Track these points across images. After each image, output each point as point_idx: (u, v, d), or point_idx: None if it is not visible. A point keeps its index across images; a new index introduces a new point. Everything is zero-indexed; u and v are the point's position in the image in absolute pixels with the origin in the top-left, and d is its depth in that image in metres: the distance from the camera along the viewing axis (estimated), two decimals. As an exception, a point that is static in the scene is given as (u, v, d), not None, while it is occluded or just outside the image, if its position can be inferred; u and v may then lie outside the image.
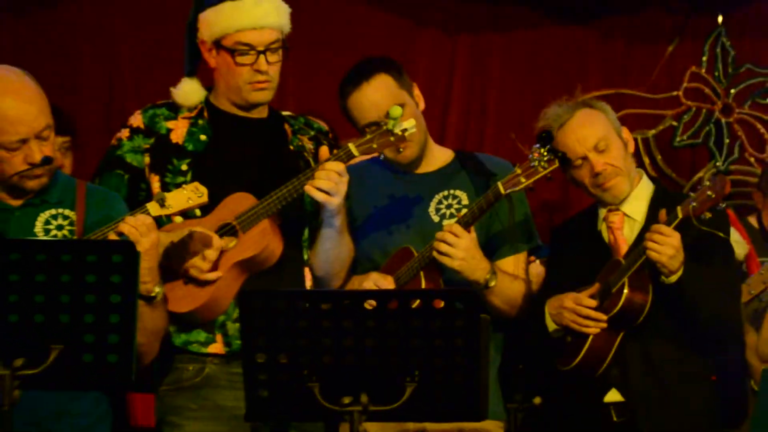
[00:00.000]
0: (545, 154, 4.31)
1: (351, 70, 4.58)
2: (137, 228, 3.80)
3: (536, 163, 4.31)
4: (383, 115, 4.33)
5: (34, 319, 3.34)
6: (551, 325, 4.49)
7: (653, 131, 7.19)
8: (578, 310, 4.41)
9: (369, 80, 4.48)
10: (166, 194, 3.94)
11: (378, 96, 4.46)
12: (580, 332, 4.42)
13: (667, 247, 4.25)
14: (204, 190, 3.97)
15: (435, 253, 4.34)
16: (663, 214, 4.32)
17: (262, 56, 4.35)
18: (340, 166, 4.21)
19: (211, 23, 4.36)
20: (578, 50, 7.19)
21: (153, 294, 3.87)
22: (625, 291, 4.37)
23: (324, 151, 4.38)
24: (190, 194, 3.96)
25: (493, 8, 7.11)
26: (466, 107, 7.09)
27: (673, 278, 4.32)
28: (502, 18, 7.12)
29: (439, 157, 4.69)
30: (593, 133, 4.54)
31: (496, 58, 7.13)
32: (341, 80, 4.57)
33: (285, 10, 4.44)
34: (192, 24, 4.44)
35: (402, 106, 4.39)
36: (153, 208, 3.90)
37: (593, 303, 4.42)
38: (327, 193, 4.20)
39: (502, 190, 4.34)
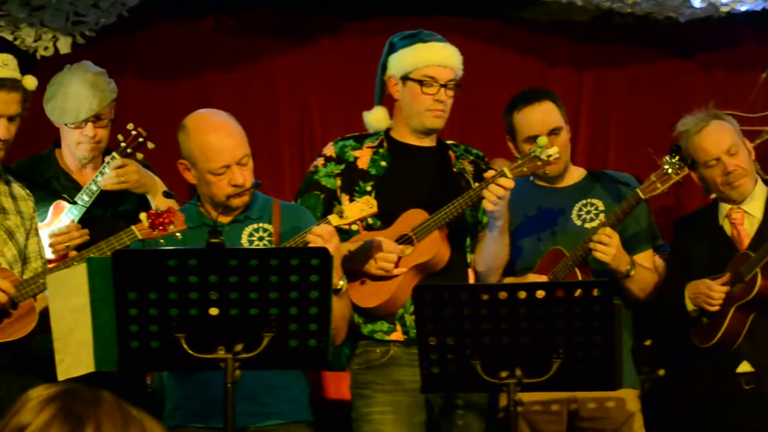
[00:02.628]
0: (677, 162, 4.30)
1: (523, 92, 4.65)
2: (323, 236, 3.81)
3: (669, 171, 4.32)
4: (544, 131, 4.40)
5: (249, 312, 3.36)
6: (689, 306, 4.42)
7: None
8: (711, 294, 4.34)
9: (540, 102, 4.51)
10: (344, 207, 3.96)
11: (545, 116, 4.49)
12: (715, 314, 4.34)
13: None
14: (374, 202, 3.97)
15: (594, 253, 4.33)
16: None
17: (442, 89, 4.39)
18: (510, 183, 4.21)
19: (403, 61, 4.41)
20: (685, 80, 7.07)
21: (338, 287, 3.88)
22: (759, 280, 4.31)
23: (490, 172, 4.37)
24: (363, 206, 3.96)
25: (611, 48, 7.03)
26: (592, 132, 7.02)
27: None
28: (620, 56, 7.04)
29: (575, 173, 4.69)
30: (727, 139, 4.51)
31: (616, 90, 7.04)
32: (512, 98, 4.62)
33: (460, 58, 4.48)
34: (383, 64, 4.48)
35: (559, 129, 4.49)
36: (334, 219, 3.91)
37: (725, 289, 4.34)
38: (492, 202, 4.22)
39: (642, 195, 4.36)
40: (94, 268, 3.43)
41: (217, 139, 3.93)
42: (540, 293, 3.48)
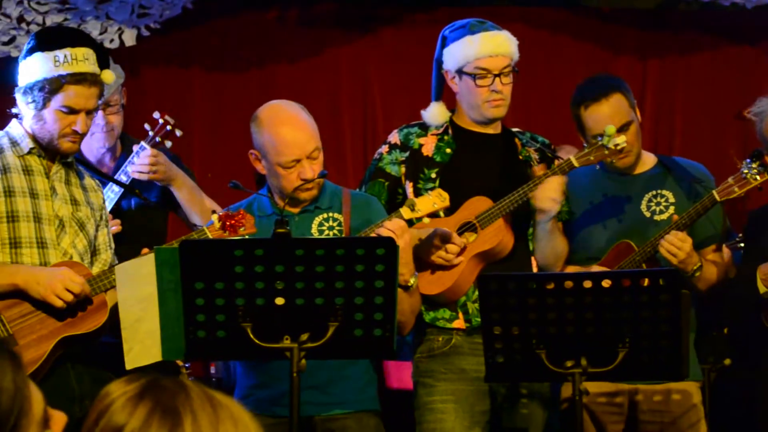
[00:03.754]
0: (756, 168, 4.23)
1: (590, 83, 4.54)
2: (394, 231, 3.81)
3: (748, 176, 4.23)
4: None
5: (315, 302, 3.37)
6: (762, 288, 4.35)
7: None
8: None
9: (608, 97, 4.41)
10: (416, 200, 3.95)
11: (614, 112, 4.40)
12: None
13: None
14: (446, 195, 3.96)
15: (663, 252, 4.25)
16: None
17: (497, 79, 4.33)
18: (560, 179, 4.19)
19: (455, 55, 4.36)
20: (751, 67, 6.96)
21: (410, 284, 3.88)
22: None
23: (537, 169, 4.32)
24: (435, 199, 3.95)
25: (675, 36, 6.95)
26: (656, 120, 6.95)
27: None
28: (685, 43, 6.96)
29: (646, 161, 4.60)
30: None
31: (681, 78, 6.96)
32: (579, 89, 4.52)
33: (514, 41, 4.40)
34: (438, 59, 4.44)
35: (630, 123, 4.40)
36: (405, 212, 3.90)
37: None
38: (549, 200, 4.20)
39: (717, 198, 4.29)
40: (161, 258, 3.45)
41: (288, 132, 3.95)
42: (606, 282, 3.45)
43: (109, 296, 3.78)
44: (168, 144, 4.71)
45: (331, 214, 4.05)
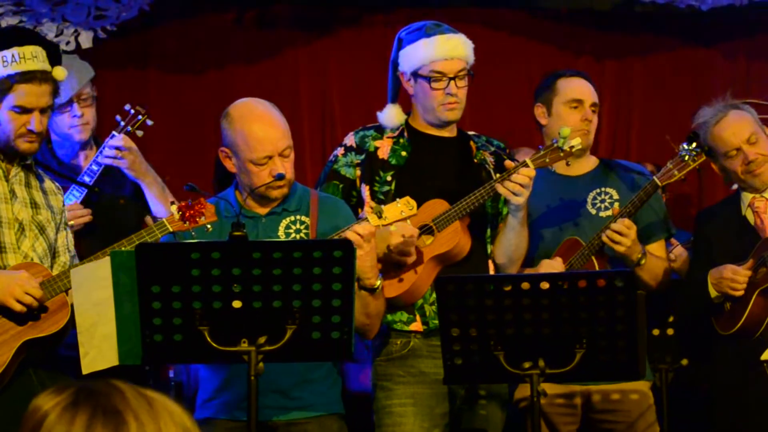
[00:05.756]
0: (693, 149, 4.33)
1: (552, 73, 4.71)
2: (363, 235, 3.79)
3: (686, 158, 4.35)
4: (587, 101, 4.53)
5: (272, 305, 3.35)
6: (713, 293, 4.40)
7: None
8: (735, 278, 4.33)
9: (580, 77, 4.67)
10: (384, 207, 3.92)
11: (587, 88, 4.62)
12: (738, 300, 4.33)
13: None
14: (414, 203, 3.93)
15: (607, 241, 4.32)
16: None
17: (452, 82, 4.33)
18: (531, 173, 4.19)
19: (410, 58, 4.35)
20: (706, 68, 7.03)
21: (375, 286, 3.87)
22: None
23: (509, 163, 4.33)
24: (403, 207, 3.92)
25: (632, 37, 7.00)
26: (614, 121, 6.99)
27: None
28: (642, 44, 7.01)
29: (589, 161, 4.69)
30: (746, 128, 4.49)
31: (638, 79, 7.01)
32: (550, 73, 4.69)
33: (469, 45, 4.40)
34: (394, 61, 4.44)
35: (595, 105, 4.59)
36: (373, 219, 3.87)
37: (749, 273, 4.33)
38: (513, 192, 4.19)
39: (659, 182, 4.39)
40: (117, 262, 3.43)
41: (261, 129, 3.92)
42: (563, 283, 3.46)
43: (71, 296, 3.75)
44: (139, 133, 4.72)
45: (298, 217, 4.02)
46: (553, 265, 4.33)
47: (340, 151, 4.44)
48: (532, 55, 6.90)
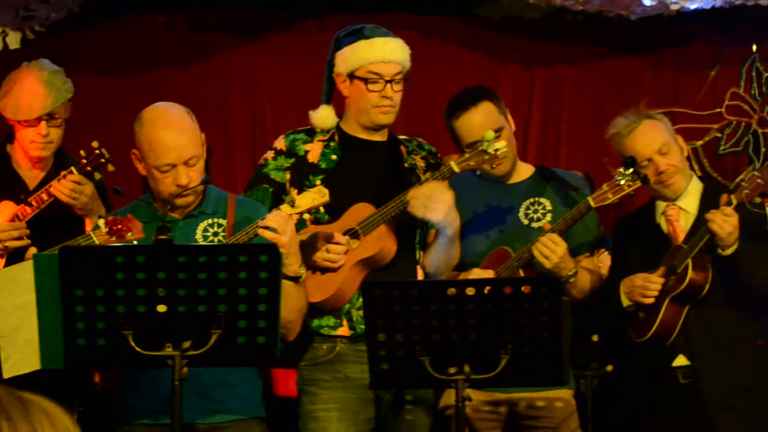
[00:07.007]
0: (630, 175, 4.32)
1: (459, 95, 4.56)
2: (279, 221, 3.75)
3: (622, 182, 4.32)
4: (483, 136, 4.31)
5: (197, 309, 3.33)
6: (625, 302, 4.45)
7: (701, 142, 7.09)
8: (648, 285, 4.36)
9: (476, 105, 4.46)
10: (296, 196, 3.91)
11: (483, 119, 4.43)
12: (650, 308, 4.37)
13: (728, 225, 4.21)
14: (326, 191, 3.91)
15: (536, 254, 4.32)
16: (724, 198, 4.28)
17: (388, 85, 4.34)
18: (438, 186, 4.19)
19: (348, 58, 4.35)
20: (635, 78, 7.12)
21: (299, 274, 3.84)
22: (690, 271, 4.32)
23: (425, 177, 4.33)
24: (315, 195, 3.91)
25: (563, 45, 7.06)
26: (543, 127, 7.05)
27: (729, 251, 4.26)
28: (572, 53, 7.07)
29: (524, 170, 4.66)
30: (658, 139, 4.51)
31: (567, 87, 7.07)
32: (449, 103, 4.55)
33: (407, 50, 4.41)
34: (330, 61, 4.43)
35: (500, 129, 4.42)
36: (285, 208, 3.85)
37: (661, 280, 4.37)
38: (428, 209, 4.19)
39: (592, 204, 4.37)
40: (40, 265, 3.39)
41: (167, 136, 3.87)
42: (488, 289, 3.47)
43: None
44: (97, 176, 4.61)
45: (215, 220, 3.99)
46: (483, 276, 4.34)
47: (269, 154, 4.42)
48: (463, 61, 6.93)
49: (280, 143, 4.42)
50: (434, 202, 4.20)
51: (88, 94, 6.48)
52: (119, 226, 3.80)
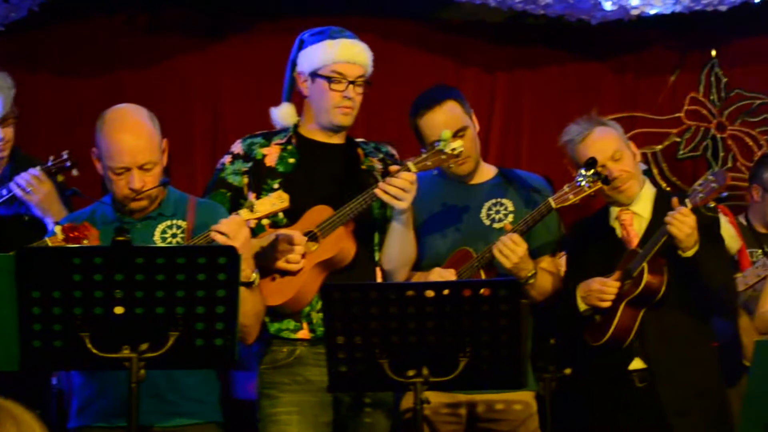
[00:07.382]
0: (591, 176, 4.34)
1: (424, 94, 4.57)
2: (228, 231, 3.75)
3: (583, 183, 4.35)
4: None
5: (155, 311, 3.31)
6: (582, 306, 4.47)
7: (660, 146, 7.13)
8: (603, 290, 4.39)
9: (441, 104, 4.47)
10: (255, 201, 3.91)
11: (447, 118, 4.44)
12: (606, 311, 4.39)
13: (686, 226, 4.24)
14: (286, 196, 3.92)
15: (496, 253, 4.32)
16: (676, 202, 4.31)
17: (351, 86, 4.35)
18: (412, 176, 4.18)
19: (312, 57, 4.37)
20: (596, 82, 7.15)
21: (251, 279, 3.83)
22: (645, 274, 4.35)
23: (393, 167, 4.34)
24: (275, 200, 3.91)
25: (524, 49, 7.08)
26: (504, 132, 7.06)
27: (690, 253, 4.29)
28: (533, 57, 7.09)
29: (487, 171, 4.67)
30: (610, 145, 4.54)
31: (529, 91, 7.09)
32: (415, 102, 4.56)
33: (370, 54, 4.44)
34: (293, 61, 4.44)
35: (465, 129, 4.44)
36: (245, 213, 3.85)
37: (617, 284, 4.39)
38: (394, 197, 4.18)
39: (553, 205, 4.39)
40: (-4, 266, 3.36)
41: (123, 139, 3.87)
42: (447, 291, 3.47)
43: None
44: (59, 178, 4.64)
45: (174, 221, 3.98)
46: (445, 275, 4.34)
47: (227, 158, 4.41)
48: (424, 65, 6.94)
49: (238, 147, 4.42)
50: (409, 192, 4.20)
51: (47, 94, 6.44)
52: (76, 233, 3.78)
